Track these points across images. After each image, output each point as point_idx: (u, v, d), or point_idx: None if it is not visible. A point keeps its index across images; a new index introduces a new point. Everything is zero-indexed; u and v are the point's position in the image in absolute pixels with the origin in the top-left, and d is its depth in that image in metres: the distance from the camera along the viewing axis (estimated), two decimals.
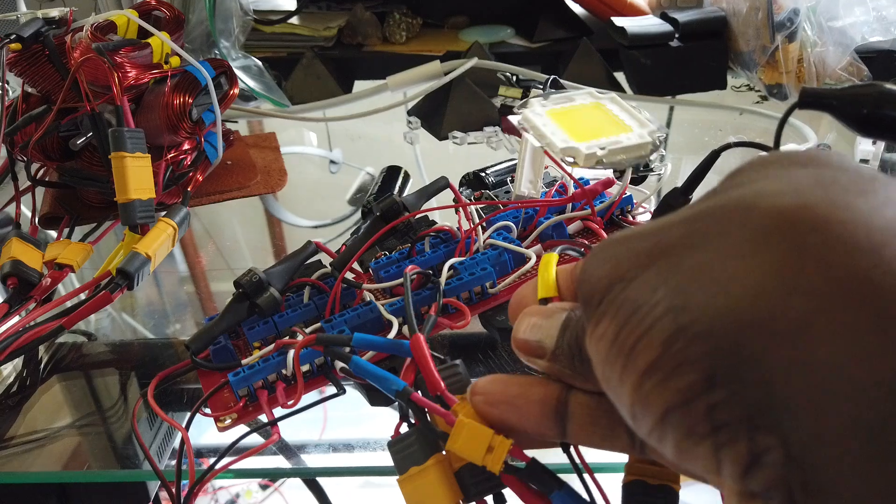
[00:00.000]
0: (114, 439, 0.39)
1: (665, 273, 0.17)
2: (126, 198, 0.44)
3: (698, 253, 0.17)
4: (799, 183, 0.17)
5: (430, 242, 0.42)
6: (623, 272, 0.18)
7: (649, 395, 0.17)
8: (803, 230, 0.15)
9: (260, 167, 0.63)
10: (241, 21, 0.75)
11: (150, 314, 0.49)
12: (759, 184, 0.17)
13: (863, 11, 0.70)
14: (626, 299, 0.18)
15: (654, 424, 0.17)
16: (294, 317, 0.38)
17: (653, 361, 0.16)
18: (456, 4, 0.89)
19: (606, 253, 0.19)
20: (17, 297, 0.43)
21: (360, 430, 0.38)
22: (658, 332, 0.16)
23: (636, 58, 0.76)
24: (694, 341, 0.16)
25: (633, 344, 0.17)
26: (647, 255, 0.18)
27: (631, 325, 0.17)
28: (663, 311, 0.16)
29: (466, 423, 0.25)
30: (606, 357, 0.18)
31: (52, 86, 0.52)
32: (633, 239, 0.19)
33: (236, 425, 0.33)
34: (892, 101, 0.33)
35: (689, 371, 0.16)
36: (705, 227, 0.17)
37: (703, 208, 0.18)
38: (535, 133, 0.37)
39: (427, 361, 0.28)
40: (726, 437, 0.15)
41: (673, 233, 0.18)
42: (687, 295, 0.16)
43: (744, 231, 0.16)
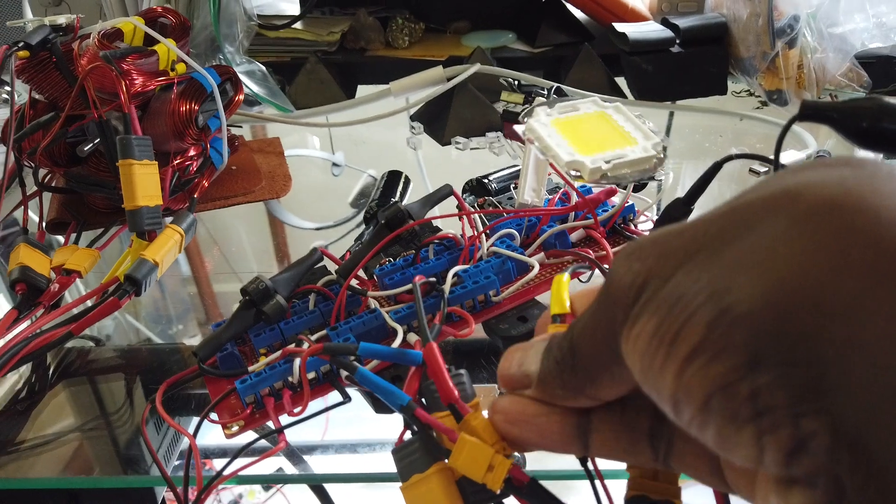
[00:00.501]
0: (122, 444, 0.39)
1: (706, 264, 0.17)
2: (134, 205, 0.45)
3: (740, 241, 0.17)
4: (841, 174, 0.17)
5: (434, 250, 0.42)
6: (658, 270, 0.18)
7: (691, 381, 0.16)
8: (850, 213, 0.15)
9: (265, 172, 0.63)
10: (245, 26, 0.76)
11: (153, 316, 0.50)
12: (796, 175, 0.17)
13: (862, 18, 0.70)
14: (666, 294, 0.17)
15: (696, 411, 0.17)
16: (300, 324, 0.38)
17: (695, 346, 0.16)
18: (458, 9, 0.90)
19: (638, 254, 0.19)
20: (26, 303, 0.44)
21: (362, 431, 0.38)
22: (700, 316, 0.16)
23: (637, 63, 0.76)
24: (737, 323, 0.16)
25: (674, 333, 0.17)
26: (683, 250, 0.18)
27: (672, 315, 0.17)
28: (706, 297, 0.16)
29: (468, 440, 0.26)
30: (645, 351, 0.18)
31: (59, 92, 0.52)
32: (666, 238, 0.19)
33: (243, 432, 0.34)
34: (891, 115, 0.33)
35: (732, 354, 0.16)
36: (746, 217, 0.17)
37: (740, 203, 0.18)
38: (541, 145, 0.38)
39: (441, 371, 0.29)
40: (770, 423, 0.15)
41: (711, 227, 0.18)
42: (731, 279, 0.16)
43: (789, 217, 0.16)
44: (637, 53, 0.76)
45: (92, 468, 0.38)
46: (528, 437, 0.23)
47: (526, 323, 0.38)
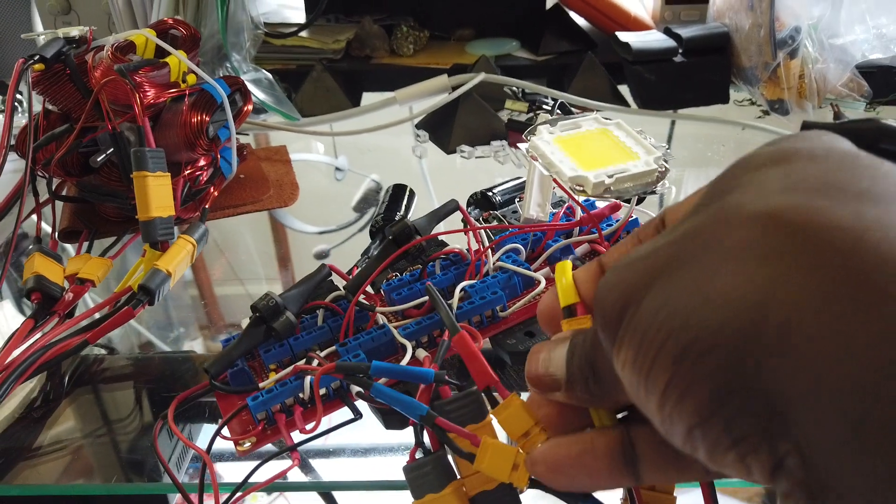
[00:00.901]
0: (135, 452, 0.40)
1: (663, 294, 0.18)
2: (147, 216, 0.45)
3: (688, 270, 0.17)
4: (768, 188, 0.17)
5: (441, 264, 0.43)
6: (631, 295, 0.19)
7: (672, 416, 0.18)
8: (774, 240, 0.16)
9: (272, 181, 0.64)
10: (252, 34, 0.77)
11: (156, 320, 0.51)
12: (734, 194, 0.18)
13: (863, 29, 0.71)
14: (637, 324, 0.18)
15: (684, 440, 0.18)
16: (309, 339, 0.39)
17: (667, 383, 0.17)
18: (462, 17, 0.91)
19: (616, 277, 0.20)
20: (42, 312, 0.45)
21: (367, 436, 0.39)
22: (665, 354, 0.17)
23: (640, 73, 0.77)
24: (697, 361, 0.16)
25: (648, 368, 0.18)
26: (647, 275, 0.19)
27: (644, 350, 0.18)
28: (666, 334, 0.17)
29: (491, 442, 0.27)
30: (630, 382, 0.19)
31: (72, 104, 0.53)
32: (637, 261, 0.20)
33: (256, 449, 0.35)
34: (889, 136, 0.34)
35: (699, 389, 0.17)
36: (691, 244, 0.18)
37: (690, 225, 0.19)
38: (544, 161, 0.39)
39: (477, 356, 0.30)
40: (748, 447, 0.16)
41: (667, 251, 0.19)
42: (685, 314, 0.17)
43: (724, 245, 0.17)
44: (640, 62, 0.77)
45: (106, 475, 0.39)
46: (578, 480, 0.23)
47: (533, 338, 0.39)
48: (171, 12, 0.71)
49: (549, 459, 0.23)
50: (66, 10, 0.75)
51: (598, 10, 0.84)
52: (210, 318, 0.53)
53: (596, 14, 0.85)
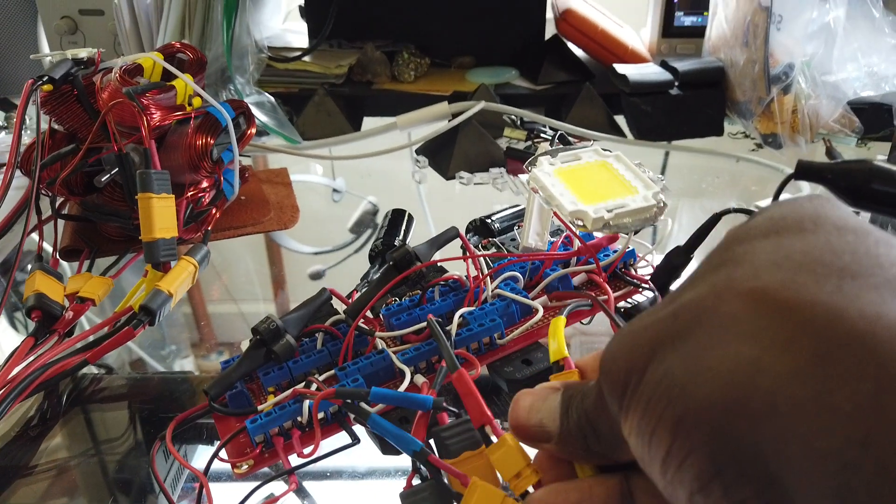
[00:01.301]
0: (130, 473, 0.40)
1: (663, 365, 0.19)
2: (151, 237, 0.46)
3: (685, 342, 0.18)
4: (756, 263, 0.18)
5: (440, 291, 0.44)
6: (634, 363, 0.20)
7: (673, 482, 0.18)
8: (760, 316, 0.17)
9: (273, 203, 0.65)
10: (255, 58, 0.78)
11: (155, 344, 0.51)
12: (726, 268, 0.19)
13: (855, 67, 0.73)
14: (641, 393, 0.19)
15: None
16: (308, 363, 0.39)
17: (668, 450, 0.18)
18: (463, 46, 0.92)
19: (620, 344, 0.21)
20: (42, 331, 0.45)
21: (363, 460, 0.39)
22: (665, 423, 0.18)
23: (637, 104, 0.79)
24: (693, 430, 0.17)
25: (650, 435, 0.19)
26: (648, 345, 0.19)
27: (647, 417, 0.19)
28: (665, 403, 0.18)
29: (480, 484, 0.27)
30: (635, 446, 0.20)
31: (78, 124, 0.54)
32: (640, 330, 0.20)
33: (253, 472, 0.35)
34: (881, 177, 0.35)
35: (697, 458, 0.17)
36: (688, 315, 0.19)
37: (687, 298, 0.20)
38: (545, 194, 0.40)
39: (475, 394, 0.30)
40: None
41: (667, 323, 0.19)
42: (681, 385, 0.18)
43: (716, 319, 0.18)
44: (637, 94, 0.79)
45: (101, 495, 0.39)
46: None
47: (530, 366, 0.40)
48: (177, 35, 0.72)
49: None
50: (72, 29, 0.76)
51: (596, 41, 0.86)
52: (206, 338, 0.54)
53: (594, 46, 0.87)
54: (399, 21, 0.92)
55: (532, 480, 0.27)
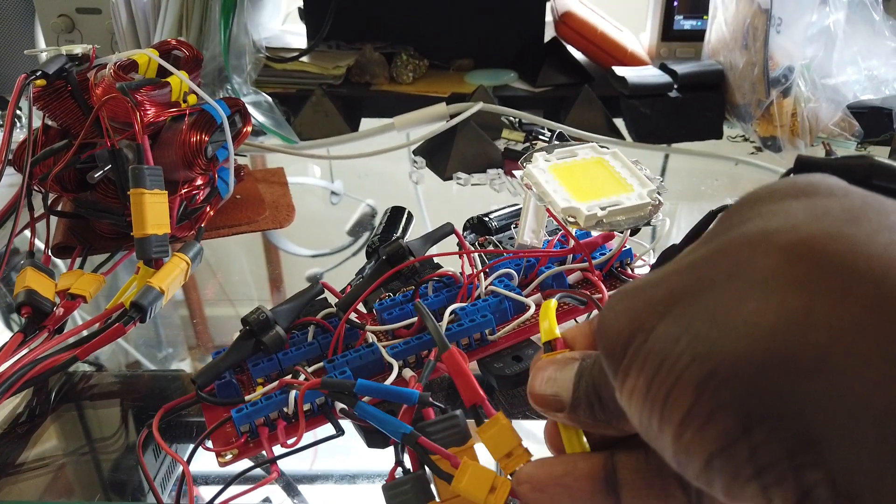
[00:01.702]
0: (120, 469, 0.40)
1: (682, 320, 0.18)
2: (143, 233, 0.46)
3: (710, 296, 0.17)
4: (794, 218, 0.17)
5: (433, 286, 0.43)
6: (641, 323, 0.19)
7: (690, 445, 0.17)
8: (806, 266, 0.16)
9: (268, 202, 0.64)
10: (253, 58, 0.78)
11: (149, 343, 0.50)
12: (756, 222, 0.18)
13: (855, 71, 0.72)
14: (650, 351, 0.18)
15: (700, 471, 0.17)
16: (298, 355, 0.39)
17: (687, 411, 0.17)
18: (462, 47, 0.92)
19: (622, 305, 0.20)
20: (32, 327, 0.45)
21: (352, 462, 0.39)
22: (687, 381, 0.17)
23: (636, 107, 0.78)
24: (723, 386, 0.16)
25: (665, 396, 0.17)
26: (661, 302, 0.18)
27: (660, 377, 0.18)
28: (688, 360, 0.17)
29: (471, 464, 0.27)
30: (642, 411, 0.18)
31: (72, 120, 0.53)
32: (646, 288, 0.19)
33: (237, 461, 0.35)
34: (882, 173, 0.34)
35: (723, 417, 0.16)
36: (713, 269, 0.18)
37: (707, 252, 0.18)
38: (538, 190, 0.39)
39: (466, 373, 0.30)
40: (772, 478, 0.16)
41: (683, 278, 0.18)
42: (708, 341, 0.17)
43: (751, 271, 0.17)
44: (636, 97, 0.78)
45: (90, 492, 0.38)
46: (559, 501, 0.23)
47: (521, 362, 0.39)
48: (174, 34, 0.72)
49: (533, 479, 0.24)
50: (69, 28, 0.76)
51: (595, 44, 0.86)
52: (200, 338, 0.53)
53: (593, 48, 0.87)
54: (398, 23, 0.92)
55: (524, 459, 0.27)
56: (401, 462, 0.31)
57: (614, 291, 0.23)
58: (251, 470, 0.34)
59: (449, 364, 0.32)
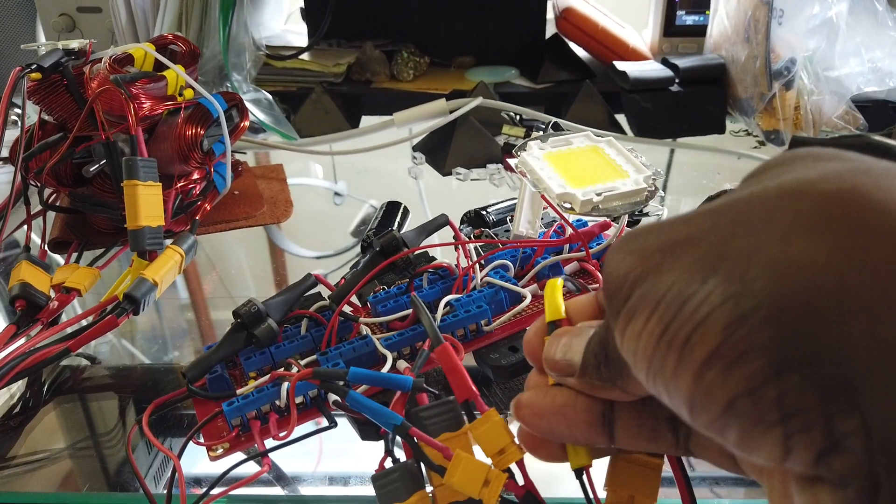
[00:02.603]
0: (112, 463, 0.39)
1: (709, 261, 0.17)
2: (136, 224, 0.45)
3: (745, 239, 0.16)
4: (838, 171, 0.17)
5: (429, 278, 0.43)
6: (655, 263, 0.18)
7: (711, 385, 0.16)
8: (860, 210, 0.15)
9: (266, 198, 0.64)
10: (253, 56, 0.77)
11: (150, 340, 0.50)
12: (794, 174, 0.17)
13: (858, 62, 0.72)
14: (667, 291, 0.17)
15: (717, 415, 0.16)
16: (291, 348, 0.38)
17: (713, 350, 0.16)
18: (463, 45, 0.92)
19: (631, 245, 0.19)
20: (25, 320, 0.44)
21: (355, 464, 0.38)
22: (717, 320, 0.16)
23: (637, 101, 0.78)
24: (760, 327, 0.15)
25: (686, 335, 0.16)
26: (678, 244, 0.18)
27: (682, 317, 0.17)
28: (720, 298, 0.16)
29: (464, 457, 0.26)
30: (654, 353, 0.18)
31: (68, 114, 0.53)
32: (659, 230, 0.18)
33: (228, 455, 0.34)
34: (879, 152, 0.34)
35: (755, 357, 0.15)
36: (746, 214, 0.17)
37: (732, 200, 0.18)
38: (533, 177, 0.39)
39: (459, 367, 0.30)
40: (799, 424, 0.15)
41: (705, 222, 0.17)
42: (745, 281, 0.16)
43: (796, 215, 0.16)
44: (637, 91, 0.78)
45: (81, 485, 0.38)
46: (556, 428, 0.24)
47: (517, 353, 0.38)
48: (173, 31, 0.72)
49: (535, 405, 0.24)
50: (70, 27, 0.77)
51: (596, 40, 0.85)
52: (205, 340, 0.53)
53: (595, 45, 0.86)
54: (399, 21, 0.91)
55: (516, 457, 0.27)
56: (391, 452, 0.31)
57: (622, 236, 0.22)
58: (242, 464, 0.34)
59: (442, 359, 0.31)
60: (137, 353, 0.49)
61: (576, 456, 0.24)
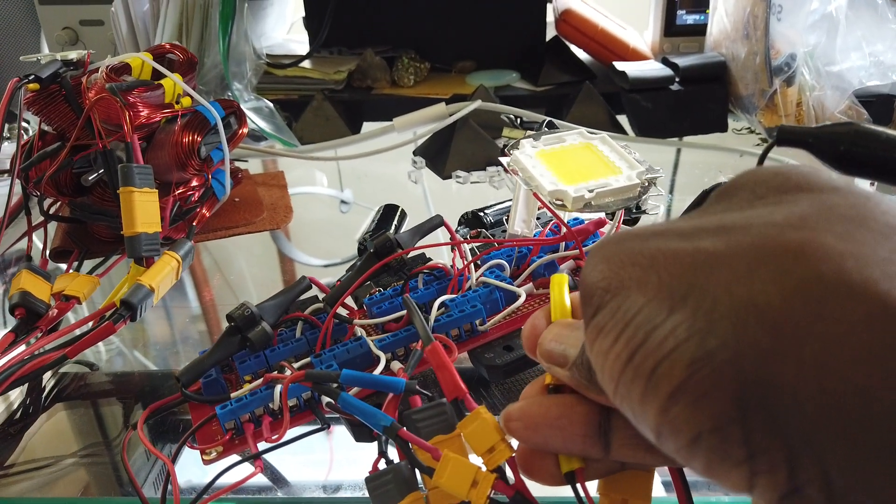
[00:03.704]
0: (109, 468, 0.39)
1: (678, 290, 0.17)
2: (132, 231, 0.46)
3: (713, 275, 0.17)
4: (803, 213, 0.17)
5: (424, 279, 0.43)
6: (625, 277, 0.18)
7: (677, 419, 0.16)
8: (818, 262, 0.15)
9: (267, 204, 0.64)
10: (254, 65, 0.78)
11: (161, 351, 0.50)
12: (763, 209, 0.18)
13: (859, 56, 0.71)
14: (635, 314, 0.17)
15: (684, 445, 0.17)
16: (285, 351, 0.38)
17: (678, 385, 0.16)
18: (463, 50, 0.92)
19: (605, 252, 0.19)
20: (24, 327, 0.45)
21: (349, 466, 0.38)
22: (682, 355, 0.16)
23: (637, 101, 0.77)
24: (723, 367, 0.15)
25: (652, 367, 0.17)
26: (648, 262, 0.18)
27: (648, 346, 0.17)
28: (686, 334, 0.16)
29: (452, 457, 0.26)
30: (621, 377, 0.18)
31: (67, 124, 0.54)
32: (634, 240, 0.18)
33: (222, 458, 0.34)
34: (868, 139, 0.33)
35: (719, 396, 0.16)
36: (714, 245, 0.17)
37: (705, 224, 0.18)
38: (525, 175, 0.39)
39: (448, 366, 0.29)
40: (764, 465, 0.15)
41: (675, 244, 0.18)
42: (710, 319, 0.16)
43: (759, 258, 0.16)
44: (637, 91, 0.77)
45: (80, 491, 0.38)
46: (551, 441, 0.23)
47: (512, 352, 0.38)
48: (173, 41, 0.73)
49: (527, 417, 0.23)
50: (73, 40, 0.77)
51: (596, 41, 0.85)
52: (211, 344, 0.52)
53: (594, 45, 0.86)
54: (399, 27, 0.92)
55: (506, 455, 0.26)
56: (384, 454, 0.31)
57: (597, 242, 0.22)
58: (235, 466, 0.34)
59: (432, 358, 0.31)
60: (150, 365, 0.49)
61: (567, 460, 0.24)
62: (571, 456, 0.23)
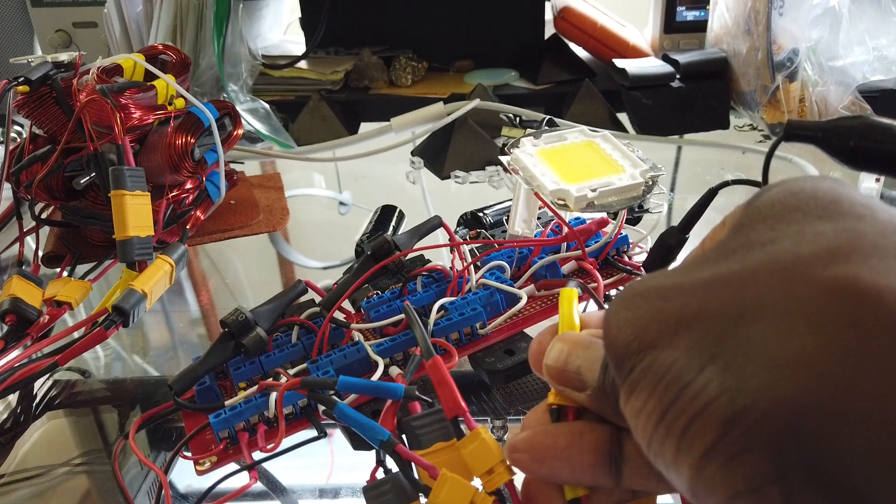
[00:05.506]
0: (101, 478, 0.38)
1: (707, 346, 0.16)
2: (124, 235, 0.45)
3: (742, 328, 0.16)
4: (831, 245, 0.16)
5: (423, 282, 0.42)
6: (652, 337, 0.17)
7: (712, 479, 0.16)
8: (855, 305, 0.15)
9: (263, 206, 0.63)
10: (249, 66, 0.77)
11: (159, 355, 0.49)
12: (783, 244, 0.17)
13: (863, 51, 0.70)
14: (665, 372, 0.17)
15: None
16: (281, 357, 0.37)
17: (711, 445, 0.16)
18: (461, 49, 0.91)
19: (629, 312, 0.18)
20: (14, 334, 0.44)
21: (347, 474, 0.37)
22: (714, 414, 0.16)
23: (638, 98, 0.76)
24: (757, 426, 0.15)
25: (685, 425, 0.16)
26: (676, 319, 0.17)
27: (680, 404, 0.16)
28: (716, 391, 0.16)
29: (450, 477, 0.25)
30: (654, 435, 0.17)
31: (58, 127, 0.53)
32: (656, 297, 0.18)
33: (216, 468, 0.33)
34: (878, 133, 0.32)
35: (755, 457, 0.15)
36: (741, 295, 0.16)
37: (729, 273, 0.17)
38: (526, 174, 0.38)
39: (449, 382, 0.28)
40: None
41: (701, 298, 0.17)
42: (742, 376, 0.15)
43: (791, 304, 0.15)
44: (637, 88, 0.76)
45: (73, 502, 0.37)
46: (560, 473, 0.22)
47: (513, 356, 0.37)
48: (167, 43, 0.72)
49: (534, 448, 0.22)
50: (66, 43, 0.77)
51: (595, 38, 0.84)
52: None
53: (594, 43, 0.85)
54: (396, 26, 0.91)
55: (505, 478, 0.25)
56: (382, 463, 0.30)
57: (618, 292, 0.21)
58: (229, 477, 0.33)
59: (433, 373, 0.30)
60: (150, 370, 0.48)
61: (572, 488, 0.23)
62: (579, 486, 0.23)
